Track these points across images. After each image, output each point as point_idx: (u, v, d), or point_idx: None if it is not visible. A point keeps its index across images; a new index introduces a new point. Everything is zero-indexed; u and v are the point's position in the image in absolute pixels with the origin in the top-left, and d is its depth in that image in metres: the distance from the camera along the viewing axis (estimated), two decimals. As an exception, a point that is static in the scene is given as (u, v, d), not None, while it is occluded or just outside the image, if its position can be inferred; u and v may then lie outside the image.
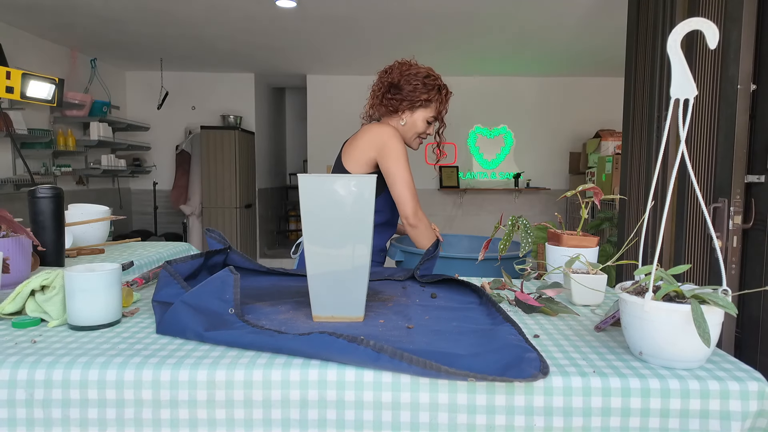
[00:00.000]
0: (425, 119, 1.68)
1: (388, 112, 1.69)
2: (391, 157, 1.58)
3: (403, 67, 1.66)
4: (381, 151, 1.59)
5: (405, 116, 1.68)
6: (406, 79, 1.64)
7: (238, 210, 5.60)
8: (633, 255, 2.00)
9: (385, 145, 1.58)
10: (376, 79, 1.72)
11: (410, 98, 1.64)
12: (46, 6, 3.62)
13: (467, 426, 0.68)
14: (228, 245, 1.21)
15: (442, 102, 1.68)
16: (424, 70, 1.67)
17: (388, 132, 1.59)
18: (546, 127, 6.05)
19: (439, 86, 1.67)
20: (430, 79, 1.65)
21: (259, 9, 3.65)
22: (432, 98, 1.66)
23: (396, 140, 1.59)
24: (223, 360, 0.72)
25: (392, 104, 1.66)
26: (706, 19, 0.71)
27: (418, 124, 1.68)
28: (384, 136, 1.59)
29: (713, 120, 1.72)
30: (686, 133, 0.72)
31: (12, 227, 1.17)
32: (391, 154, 1.58)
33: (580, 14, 3.74)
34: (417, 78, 1.64)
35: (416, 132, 1.70)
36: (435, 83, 1.66)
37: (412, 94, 1.64)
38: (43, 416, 0.69)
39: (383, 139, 1.59)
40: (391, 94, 1.66)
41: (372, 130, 1.62)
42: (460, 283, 1.16)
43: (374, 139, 1.60)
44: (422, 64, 1.70)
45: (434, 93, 1.65)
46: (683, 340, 0.68)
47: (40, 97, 2.12)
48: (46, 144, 4.23)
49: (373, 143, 1.60)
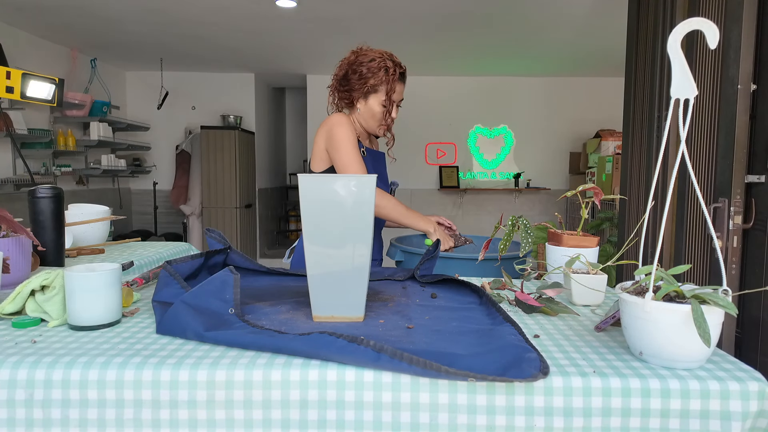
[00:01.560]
0: (380, 103, 1.63)
1: (346, 105, 1.68)
2: (333, 145, 1.57)
3: (351, 57, 1.64)
4: (328, 140, 1.59)
5: (360, 105, 1.65)
6: (353, 69, 1.62)
7: (238, 210, 5.60)
8: (633, 255, 2.00)
9: (329, 133, 1.58)
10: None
11: (357, 87, 1.62)
12: (46, 6, 3.62)
13: (467, 426, 0.68)
14: (228, 245, 1.21)
15: (389, 83, 1.61)
16: (371, 54, 1.62)
17: (333, 120, 1.59)
18: (546, 127, 6.05)
19: (386, 68, 1.60)
20: (374, 63, 1.60)
21: (259, 9, 3.65)
22: (379, 82, 1.60)
23: (339, 127, 1.57)
24: (223, 360, 0.71)
25: (346, 96, 1.65)
26: (707, 19, 0.71)
27: (375, 110, 1.63)
28: (329, 124, 1.59)
29: (713, 120, 1.72)
30: (686, 133, 0.72)
31: (12, 227, 1.17)
32: (333, 141, 1.57)
33: (580, 14, 3.74)
34: (362, 66, 1.60)
35: (377, 118, 1.65)
36: (379, 66, 1.60)
37: (358, 82, 1.61)
38: (43, 416, 0.69)
39: (328, 128, 1.59)
40: (342, 87, 1.65)
41: (323, 122, 1.62)
42: (460, 283, 1.16)
43: (323, 130, 1.61)
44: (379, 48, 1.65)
45: (380, 76, 1.60)
46: (683, 340, 0.68)
47: (40, 97, 2.12)
48: (46, 144, 4.23)
49: (322, 135, 1.60)
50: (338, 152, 1.56)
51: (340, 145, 1.56)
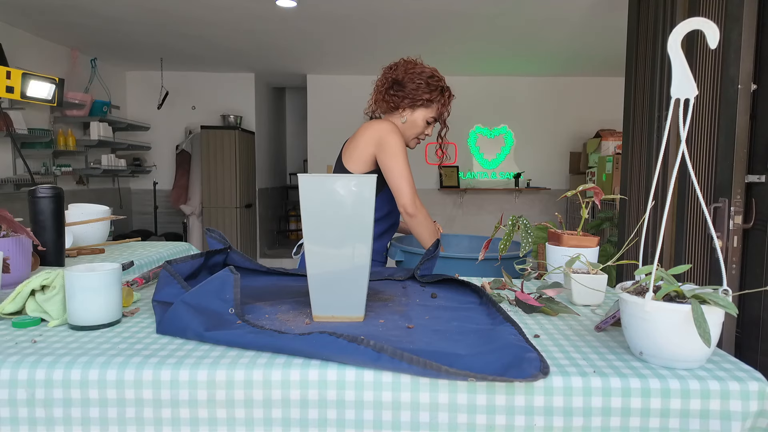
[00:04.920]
0: (425, 119, 1.68)
1: (389, 108, 1.69)
2: (387, 152, 1.57)
3: (408, 65, 1.66)
4: (379, 146, 1.59)
5: (405, 114, 1.67)
6: (410, 77, 1.64)
7: (238, 210, 5.60)
8: (633, 255, 2.00)
9: (382, 140, 1.58)
10: (380, 75, 1.72)
11: (412, 96, 1.64)
12: (46, 6, 3.62)
13: (467, 426, 0.68)
14: (228, 245, 1.21)
15: (444, 104, 1.68)
16: (429, 70, 1.67)
17: (386, 127, 1.59)
18: (546, 127, 6.05)
19: (442, 87, 1.67)
20: (433, 79, 1.65)
21: (259, 9, 3.65)
22: (434, 99, 1.65)
23: (394, 135, 1.58)
24: (224, 360, 0.72)
25: (394, 101, 1.66)
26: (707, 18, 0.71)
27: (418, 123, 1.68)
28: (382, 131, 1.59)
29: (714, 120, 1.72)
30: (687, 133, 0.72)
31: (12, 227, 1.17)
32: (388, 148, 1.57)
33: (581, 14, 3.74)
34: (421, 77, 1.64)
35: (416, 131, 1.70)
36: (438, 84, 1.66)
37: (414, 92, 1.63)
38: (45, 415, 0.69)
39: (381, 135, 1.59)
40: (393, 91, 1.66)
41: (371, 126, 1.62)
42: (460, 283, 1.16)
43: (373, 135, 1.60)
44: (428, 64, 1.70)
45: (436, 94, 1.65)
46: (683, 340, 0.68)
47: (41, 97, 2.12)
48: (46, 144, 4.23)
49: (372, 139, 1.60)
50: (395, 160, 1.57)
51: (398, 153, 1.57)
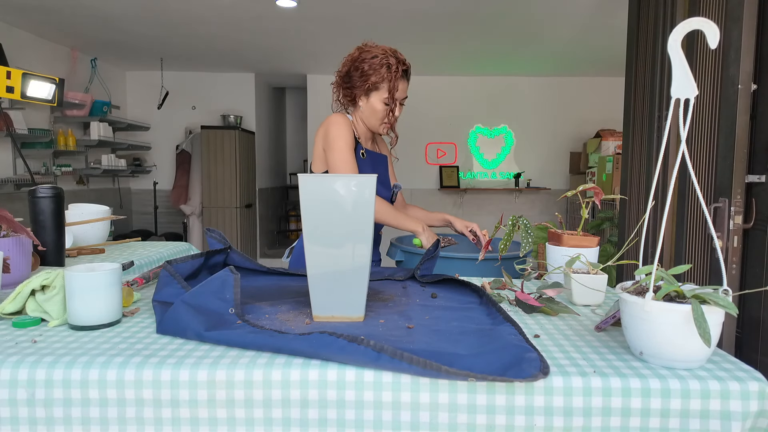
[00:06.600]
0: (382, 101, 1.60)
1: (348, 103, 1.67)
2: (327, 143, 1.58)
3: (355, 53, 1.62)
4: (325, 140, 1.59)
5: (362, 102, 1.63)
6: (355, 66, 1.60)
7: (238, 210, 5.60)
8: (633, 255, 2.00)
9: (326, 133, 1.59)
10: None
11: (359, 84, 1.60)
12: (46, 6, 3.62)
13: (467, 426, 0.68)
14: (228, 245, 1.21)
15: (391, 80, 1.57)
16: (374, 52, 1.59)
17: (329, 120, 1.60)
18: (546, 127, 6.04)
19: (388, 65, 1.57)
20: (376, 59, 1.57)
21: (259, 9, 3.65)
22: (381, 79, 1.58)
23: (333, 126, 1.57)
24: (224, 360, 0.72)
25: (348, 93, 1.64)
26: (707, 18, 0.71)
27: (377, 108, 1.61)
28: (325, 125, 1.60)
29: (714, 120, 1.72)
30: (687, 133, 0.72)
31: (12, 227, 1.17)
32: (327, 140, 1.58)
33: (581, 14, 3.74)
34: (364, 62, 1.58)
35: (378, 116, 1.62)
36: (382, 62, 1.57)
37: (360, 79, 1.59)
38: (45, 415, 0.69)
39: (325, 128, 1.59)
40: (344, 84, 1.64)
41: (322, 123, 1.62)
42: (460, 283, 1.16)
43: (320, 131, 1.61)
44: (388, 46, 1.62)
45: (382, 73, 1.57)
46: (684, 340, 0.68)
47: (41, 97, 2.12)
48: (47, 144, 4.23)
49: (320, 136, 1.61)
50: (331, 151, 1.56)
51: (334, 144, 1.55)
